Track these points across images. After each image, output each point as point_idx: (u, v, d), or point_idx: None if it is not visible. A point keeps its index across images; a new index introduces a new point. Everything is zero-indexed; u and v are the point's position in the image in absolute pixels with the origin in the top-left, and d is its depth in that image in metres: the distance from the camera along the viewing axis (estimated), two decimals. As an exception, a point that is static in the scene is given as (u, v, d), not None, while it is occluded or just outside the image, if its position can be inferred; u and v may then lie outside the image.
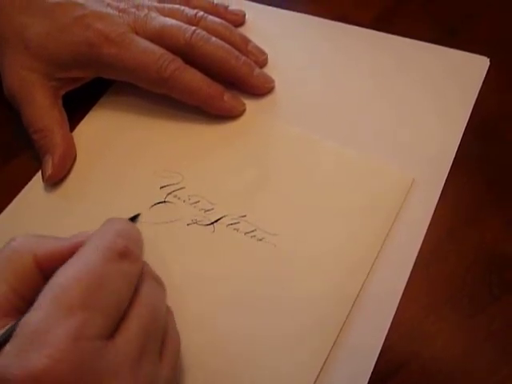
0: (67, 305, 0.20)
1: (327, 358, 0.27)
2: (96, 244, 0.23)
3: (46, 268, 0.24)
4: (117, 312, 0.22)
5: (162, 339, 0.24)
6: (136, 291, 0.23)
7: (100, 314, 0.21)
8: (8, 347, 0.20)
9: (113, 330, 0.21)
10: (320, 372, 0.26)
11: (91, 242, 0.23)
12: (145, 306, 0.23)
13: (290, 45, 0.38)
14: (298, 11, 0.40)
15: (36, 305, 0.21)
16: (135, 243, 0.24)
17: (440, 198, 0.31)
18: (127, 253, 0.23)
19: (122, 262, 0.23)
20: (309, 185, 0.32)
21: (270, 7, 0.41)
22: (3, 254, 0.24)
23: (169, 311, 0.25)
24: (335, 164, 0.32)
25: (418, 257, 0.29)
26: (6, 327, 0.21)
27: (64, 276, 0.21)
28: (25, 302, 0.23)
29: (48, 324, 0.20)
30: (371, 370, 0.26)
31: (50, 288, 0.21)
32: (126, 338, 0.21)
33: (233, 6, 0.40)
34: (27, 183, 0.35)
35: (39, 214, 0.33)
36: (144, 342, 0.22)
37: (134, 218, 0.31)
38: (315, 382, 0.26)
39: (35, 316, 0.20)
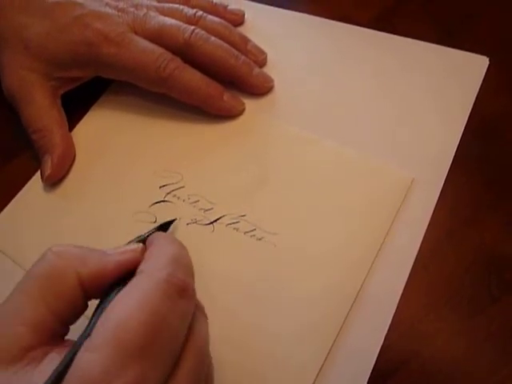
0: (127, 352, 0.18)
1: (327, 357, 0.27)
2: (154, 276, 0.21)
3: (88, 288, 0.21)
4: (173, 357, 0.20)
5: (206, 374, 0.22)
6: (189, 329, 0.21)
7: (159, 363, 0.19)
8: None
9: (169, 376, 0.20)
10: (320, 371, 0.26)
11: (148, 272, 0.21)
12: (196, 347, 0.21)
13: (289, 44, 0.38)
14: (298, 11, 0.40)
15: (93, 344, 0.19)
16: (191, 274, 0.22)
17: (439, 197, 0.31)
18: (186, 289, 0.21)
19: (181, 299, 0.21)
20: (308, 184, 0.32)
21: (269, 7, 0.41)
22: (43, 270, 0.21)
23: (209, 344, 0.23)
24: (335, 163, 0.32)
25: (417, 257, 0.29)
26: (57, 364, 0.19)
27: (122, 314, 0.19)
28: (63, 324, 0.21)
29: (107, 374, 0.18)
30: (371, 369, 0.26)
31: (107, 326, 0.19)
32: (180, 382, 0.20)
33: (232, 6, 0.39)
34: (26, 183, 0.35)
35: (38, 214, 0.33)
36: (195, 382, 0.21)
37: (168, 224, 0.30)
38: (315, 380, 0.26)
39: (92, 362, 0.18)
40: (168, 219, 0.30)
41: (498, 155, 0.33)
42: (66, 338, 0.22)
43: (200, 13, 0.36)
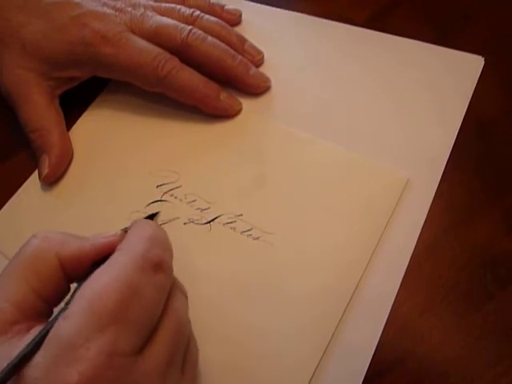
0: (101, 317, 0.19)
1: (323, 354, 0.27)
2: (130, 252, 0.22)
3: (68, 269, 0.23)
4: (149, 326, 0.21)
5: (184, 352, 0.23)
6: (166, 303, 0.22)
7: (133, 329, 0.20)
8: (38, 358, 0.19)
9: (143, 344, 0.21)
10: (316, 368, 0.26)
11: (125, 249, 0.22)
12: (173, 319, 0.22)
13: (286, 44, 0.38)
14: (295, 10, 0.40)
15: (69, 312, 0.20)
16: (168, 252, 0.24)
17: (435, 196, 0.31)
18: (162, 264, 0.22)
19: (157, 273, 0.22)
20: (304, 184, 0.32)
21: (266, 6, 0.41)
22: (25, 252, 0.23)
23: (189, 321, 0.24)
24: (331, 163, 0.32)
25: (412, 255, 0.29)
26: (36, 334, 0.20)
27: (98, 285, 0.20)
28: (45, 303, 0.22)
29: (81, 337, 0.19)
30: (367, 367, 0.27)
31: (82, 295, 0.20)
32: (155, 352, 0.21)
33: (229, 6, 0.40)
34: (24, 182, 0.35)
35: (36, 214, 0.34)
36: (171, 356, 0.22)
37: (152, 217, 0.30)
38: (312, 378, 0.26)
39: (68, 327, 0.19)
40: (151, 212, 0.31)
41: (493, 155, 0.33)
42: None
43: (197, 12, 0.36)
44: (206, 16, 0.36)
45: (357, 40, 0.38)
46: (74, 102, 0.37)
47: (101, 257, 0.23)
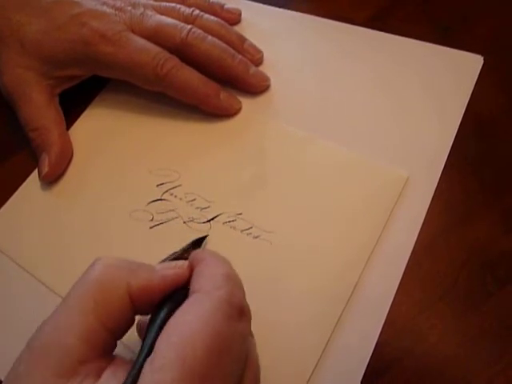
0: (194, 373, 0.18)
1: (322, 353, 0.27)
2: (212, 294, 0.20)
3: (136, 301, 0.21)
4: (236, 380, 0.20)
5: None
6: (247, 353, 0.21)
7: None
8: None
9: None
10: (315, 367, 0.27)
11: (204, 290, 0.21)
12: (254, 370, 0.21)
13: (285, 43, 0.39)
14: (295, 10, 0.40)
15: (157, 364, 0.18)
16: (244, 294, 0.22)
17: (434, 196, 0.31)
18: (245, 310, 0.21)
19: (241, 321, 0.20)
20: (304, 183, 0.32)
21: (266, 5, 0.41)
22: (92, 279, 0.21)
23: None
24: (330, 162, 0.33)
25: (412, 254, 0.30)
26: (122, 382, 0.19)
27: (185, 332, 0.19)
28: (113, 337, 0.21)
29: None
30: (365, 365, 0.27)
31: (170, 345, 0.19)
32: None
33: (229, 5, 0.40)
34: (24, 181, 0.35)
35: (36, 212, 0.34)
36: None
37: (201, 240, 0.29)
38: (310, 377, 0.26)
39: (159, 381, 0.18)
40: (200, 235, 0.30)
41: (492, 153, 0.33)
42: (114, 353, 0.22)
43: (197, 12, 0.36)
44: (206, 15, 0.37)
45: (356, 39, 0.38)
46: (74, 101, 0.37)
47: (169, 290, 0.22)
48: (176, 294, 0.22)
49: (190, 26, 0.34)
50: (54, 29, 0.34)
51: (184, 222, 0.32)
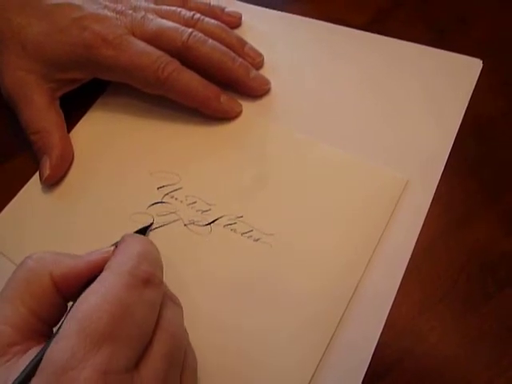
0: (93, 337, 0.19)
1: (323, 355, 0.27)
2: (119, 270, 0.22)
3: (62, 287, 0.23)
4: (142, 342, 0.21)
5: (182, 362, 0.23)
6: (158, 316, 0.22)
7: (126, 346, 0.20)
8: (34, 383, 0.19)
9: (138, 360, 0.21)
10: (316, 369, 0.27)
11: (113, 267, 0.22)
12: (167, 332, 0.22)
13: (286, 47, 0.39)
14: (295, 13, 0.40)
15: (60, 335, 0.20)
16: (157, 266, 0.23)
17: (433, 198, 0.31)
18: (151, 279, 0.22)
19: (146, 288, 0.22)
20: (304, 186, 0.32)
21: (266, 9, 0.41)
22: (20, 274, 0.23)
23: (185, 332, 0.24)
24: (330, 166, 0.33)
25: (412, 256, 0.30)
26: (30, 360, 0.20)
27: (88, 304, 0.20)
28: (43, 323, 0.23)
29: (74, 359, 0.19)
30: (366, 367, 0.27)
31: (73, 317, 0.20)
32: (150, 367, 0.21)
33: (229, 8, 0.40)
34: (25, 184, 0.35)
35: (37, 215, 0.34)
36: (168, 369, 0.21)
37: (146, 228, 0.31)
38: (311, 378, 0.27)
39: (60, 349, 0.19)
40: (145, 225, 0.31)
41: (491, 157, 0.33)
42: None
43: (197, 15, 0.37)
44: (207, 19, 0.37)
45: (356, 43, 0.38)
46: (74, 104, 0.37)
47: (95, 274, 0.23)
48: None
49: (190, 30, 0.35)
50: (56, 32, 0.34)
51: (185, 225, 0.32)
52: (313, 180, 0.32)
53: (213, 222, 0.32)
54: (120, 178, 0.34)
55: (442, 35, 0.38)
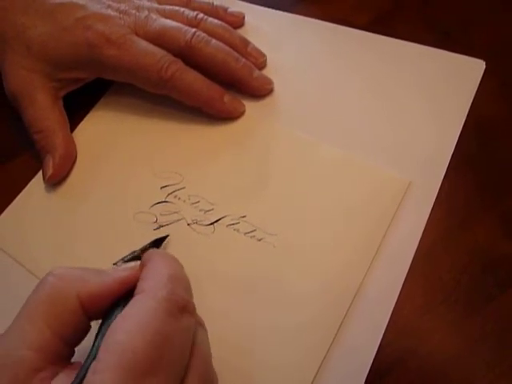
0: (134, 370, 0.18)
1: (326, 354, 0.27)
2: (155, 295, 0.21)
3: (89, 307, 0.22)
4: (181, 372, 0.20)
5: None
6: (192, 344, 0.22)
7: (167, 379, 0.19)
8: None
9: None
10: (319, 369, 0.27)
11: (148, 291, 0.21)
12: (200, 359, 0.22)
13: (288, 47, 0.39)
14: (297, 13, 0.40)
15: (98, 367, 0.19)
16: (190, 291, 0.23)
17: (436, 200, 0.31)
18: (187, 306, 0.21)
19: (183, 316, 0.21)
20: (307, 186, 0.32)
21: (269, 9, 0.41)
22: (43, 293, 0.21)
23: (211, 356, 0.24)
24: (333, 166, 0.33)
25: (414, 257, 0.30)
26: None
27: (125, 333, 0.19)
28: (66, 344, 0.21)
29: None
30: (369, 367, 0.27)
31: (110, 346, 0.19)
32: None
33: (232, 8, 0.40)
34: (28, 183, 0.35)
35: (40, 214, 0.34)
36: None
37: (161, 240, 0.30)
38: (314, 378, 0.27)
39: (101, 382, 0.18)
40: (161, 235, 0.30)
41: (493, 158, 0.33)
42: (73, 360, 0.22)
43: (201, 15, 0.37)
44: (210, 19, 0.37)
45: (359, 43, 0.38)
46: (78, 104, 0.37)
47: (122, 292, 0.22)
48: (126, 297, 0.22)
49: (194, 30, 0.35)
50: (59, 31, 0.34)
51: (188, 224, 0.32)
52: (316, 180, 0.32)
53: (216, 221, 0.32)
54: (123, 177, 0.34)
55: (445, 36, 0.38)
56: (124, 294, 0.22)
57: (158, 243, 0.30)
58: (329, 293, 0.29)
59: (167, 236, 0.31)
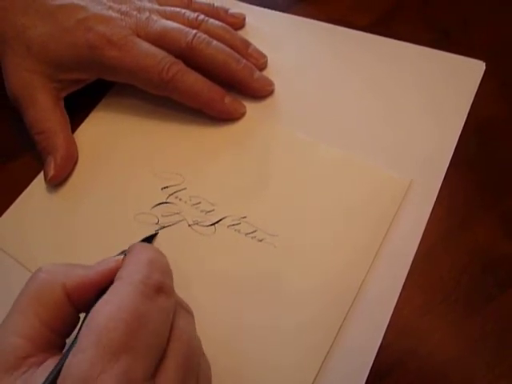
0: (111, 347, 0.19)
1: (327, 355, 0.27)
2: (131, 279, 0.22)
3: (75, 298, 0.23)
4: (158, 352, 0.21)
5: (197, 371, 0.23)
6: (172, 325, 0.22)
7: (143, 356, 0.20)
8: None
9: (155, 370, 0.21)
10: (319, 370, 0.27)
11: (125, 277, 0.22)
12: (181, 341, 0.22)
13: (289, 48, 0.39)
14: (298, 14, 0.41)
15: (78, 347, 0.20)
16: (168, 274, 0.24)
17: (436, 200, 0.32)
18: (163, 287, 0.22)
19: (159, 297, 0.22)
20: (307, 187, 0.32)
21: (269, 10, 0.41)
22: (32, 286, 0.23)
23: (199, 340, 0.24)
24: (333, 166, 0.33)
25: (415, 257, 0.30)
26: (49, 370, 0.20)
27: (103, 315, 0.20)
28: (56, 334, 0.23)
29: (94, 371, 0.19)
30: (369, 368, 0.27)
31: (90, 329, 0.20)
32: (167, 377, 0.21)
33: (233, 9, 0.40)
34: (29, 183, 0.35)
35: (41, 215, 0.34)
36: (183, 379, 0.22)
37: (151, 237, 0.31)
38: (314, 379, 0.27)
39: (79, 361, 0.19)
40: (151, 233, 0.31)
41: (493, 159, 0.33)
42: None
43: (202, 16, 0.37)
44: (211, 20, 0.37)
45: (359, 44, 0.38)
46: (78, 105, 0.37)
47: (106, 284, 0.23)
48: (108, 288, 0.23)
49: (195, 31, 0.35)
50: (60, 33, 0.34)
51: (189, 225, 0.32)
52: (316, 181, 0.32)
53: (217, 222, 0.32)
54: (124, 178, 0.34)
55: (445, 37, 0.38)
56: (108, 286, 0.23)
57: (148, 240, 0.30)
58: (329, 293, 0.29)
59: (157, 233, 0.31)
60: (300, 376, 0.27)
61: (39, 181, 0.35)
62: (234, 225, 0.31)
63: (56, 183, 0.34)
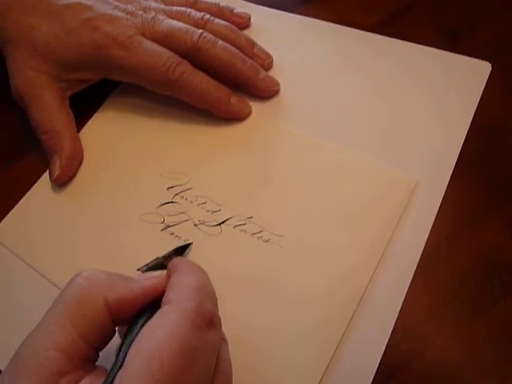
0: (160, 381, 0.18)
1: (333, 355, 0.27)
2: (183, 306, 0.21)
3: (115, 312, 0.22)
4: None
5: None
6: (217, 358, 0.22)
7: None
8: None
9: None
10: (326, 370, 0.27)
11: (176, 302, 0.21)
12: (224, 375, 0.22)
13: (294, 48, 0.39)
14: (303, 14, 0.40)
15: (127, 374, 0.19)
16: (216, 303, 0.23)
17: (442, 202, 0.32)
18: (214, 320, 0.21)
19: (210, 330, 0.21)
20: (314, 187, 0.32)
21: (275, 10, 0.41)
22: (71, 294, 0.21)
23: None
24: (339, 167, 0.33)
25: (420, 259, 0.30)
26: None
27: (155, 342, 0.19)
28: (92, 347, 0.21)
29: None
30: (375, 369, 0.27)
31: (138, 354, 0.19)
32: None
33: (238, 9, 0.40)
34: (35, 182, 0.35)
35: (47, 214, 0.34)
36: None
37: (185, 247, 0.30)
38: (321, 380, 0.27)
39: None
40: (184, 243, 0.31)
41: (499, 160, 0.33)
42: (97, 363, 0.22)
43: (207, 16, 0.37)
44: (217, 20, 0.37)
45: (365, 45, 0.38)
46: (84, 104, 0.37)
47: (147, 300, 0.22)
48: (152, 306, 0.22)
49: (200, 31, 0.35)
50: (66, 32, 0.34)
51: (195, 225, 0.32)
52: (323, 181, 0.32)
53: (223, 222, 0.32)
54: (130, 177, 0.34)
55: (451, 38, 0.38)
56: (150, 302, 0.22)
57: (180, 251, 0.30)
58: (335, 294, 0.29)
59: (190, 243, 0.31)
60: (307, 375, 0.27)
61: (44, 180, 0.35)
62: (240, 225, 0.31)
63: (61, 183, 0.35)
